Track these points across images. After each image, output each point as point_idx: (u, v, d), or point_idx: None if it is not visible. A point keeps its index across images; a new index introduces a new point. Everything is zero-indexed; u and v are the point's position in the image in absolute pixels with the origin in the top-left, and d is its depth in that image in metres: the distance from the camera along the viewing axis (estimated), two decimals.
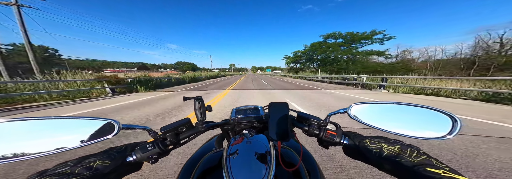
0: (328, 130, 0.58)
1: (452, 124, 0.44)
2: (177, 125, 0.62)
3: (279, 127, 0.53)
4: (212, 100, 6.80)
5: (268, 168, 0.44)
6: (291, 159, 0.59)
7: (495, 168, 1.82)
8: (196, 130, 0.65)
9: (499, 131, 3.02)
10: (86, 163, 0.39)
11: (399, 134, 0.47)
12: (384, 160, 0.40)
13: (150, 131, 0.56)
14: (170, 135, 0.59)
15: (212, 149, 0.76)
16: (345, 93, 8.80)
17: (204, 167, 0.57)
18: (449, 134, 0.43)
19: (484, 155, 2.11)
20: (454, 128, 0.43)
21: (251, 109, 0.85)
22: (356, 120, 0.56)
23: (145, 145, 0.52)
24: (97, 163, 0.40)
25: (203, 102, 0.67)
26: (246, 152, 0.51)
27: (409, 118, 0.50)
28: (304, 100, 6.61)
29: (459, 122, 0.43)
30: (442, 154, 2.13)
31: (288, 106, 0.59)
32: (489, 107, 5.22)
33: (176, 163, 2.00)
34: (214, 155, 0.62)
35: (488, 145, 2.39)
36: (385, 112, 0.54)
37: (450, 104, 5.86)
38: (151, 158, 0.52)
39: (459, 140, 2.55)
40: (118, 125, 0.49)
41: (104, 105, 6.09)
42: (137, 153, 0.50)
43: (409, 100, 6.58)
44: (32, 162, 2.03)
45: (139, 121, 3.90)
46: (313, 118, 0.66)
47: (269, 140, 0.55)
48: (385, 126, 0.51)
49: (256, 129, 0.76)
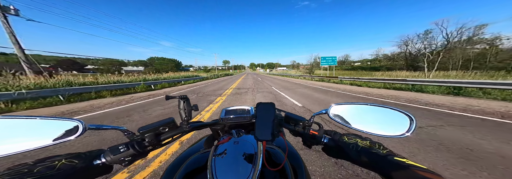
0: (311, 129, 0.60)
1: (409, 122, 0.49)
2: (158, 125, 0.59)
3: (265, 127, 0.54)
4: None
5: (254, 168, 0.44)
6: (277, 158, 0.60)
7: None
8: (181, 130, 0.63)
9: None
10: (49, 162, 0.37)
11: (369, 133, 0.52)
12: (360, 152, 0.45)
13: (126, 132, 0.53)
14: (149, 135, 0.56)
15: (200, 149, 0.74)
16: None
17: (189, 168, 0.55)
18: (407, 132, 0.48)
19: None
20: (411, 125, 0.48)
21: (241, 109, 0.84)
22: (334, 119, 0.59)
23: (117, 146, 0.49)
24: (62, 162, 0.38)
25: (188, 101, 0.64)
26: (233, 152, 0.51)
27: (378, 118, 0.55)
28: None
29: (414, 120, 0.48)
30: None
31: (274, 106, 0.60)
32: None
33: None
34: (201, 156, 0.60)
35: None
36: (359, 112, 0.59)
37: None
38: (124, 161, 0.49)
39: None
40: (83, 126, 0.45)
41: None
42: (106, 155, 0.46)
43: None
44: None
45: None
46: (300, 118, 0.67)
47: (257, 140, 0.56)
48: (358, 126, 0.55)
49: (246, 129, 0.76)
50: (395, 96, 7.01)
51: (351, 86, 11.45)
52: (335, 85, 12.63)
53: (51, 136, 0.42)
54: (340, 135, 0.54)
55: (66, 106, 6.17)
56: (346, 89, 9.79)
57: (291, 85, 12.37)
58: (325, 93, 8.15)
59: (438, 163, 1.95)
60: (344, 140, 0.50)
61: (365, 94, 7.77)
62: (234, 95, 8.12)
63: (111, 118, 4.30)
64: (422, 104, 5.20)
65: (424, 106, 4.93)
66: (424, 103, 5.42)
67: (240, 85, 13.37)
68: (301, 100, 6.34)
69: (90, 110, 5.37)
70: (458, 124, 3.29)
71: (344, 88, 10.35)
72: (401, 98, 6.48)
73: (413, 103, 5.47)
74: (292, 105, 5.48)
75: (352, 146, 0.47)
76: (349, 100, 6.39)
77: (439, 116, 3.86)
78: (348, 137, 0.51)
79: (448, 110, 4.42)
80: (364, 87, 10.81)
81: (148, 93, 9.74)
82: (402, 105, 5.17)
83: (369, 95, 7.45)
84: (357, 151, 0.45)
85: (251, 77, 30.47)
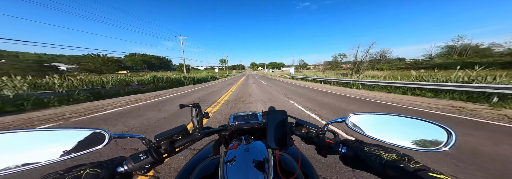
0: (326, 138, 0.58)
1: (447, 136, 0.44)
2: (173, 132, 0.61)
3: (278, 135, 0.53)
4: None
5: (266, 177, 0.43)
6: (289, 167, 0.58)
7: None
8: (193, 137, 0.64)
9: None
10: (75, 172, 0.39)
11: (395, 145, 0.48)
12: (385, 166, 0.40)
13: (144, 140, 0.55)
14: (164, 143, 0.57)
15: (209, 155, 0.75)
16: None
17: (201, 175, 0.55)
18: (445, 146, 0.43)
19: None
20: (449, 139, 0.43)
21: (249, 115, 0.84)
22: (353, 129, 0.56)
23: (138, 154, 0.50)
24: (87, 171, 0.40)
25: (200, 109, 0.66)
26: (243, 159, 0.50)
27: (405, 129, 0.51)
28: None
29: (454, 134, 0.43)
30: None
31: (286, 113, 0.58)
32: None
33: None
34: (211, 162, 0.61)
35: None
36: (382, 123, 0.55)
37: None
38: (144, 168, 0.50)
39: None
40: (108, 135, 0.47)
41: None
42: (128, 163, 0.48)
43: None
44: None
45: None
46: (312, 125, 0.66)
47: (268, 147, 0.54)
48: (381, 136, 0.51)
49: (254, 135, 0.76)
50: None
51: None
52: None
53: (81, 145, 0.45)
54: (360, 145, 0.50)
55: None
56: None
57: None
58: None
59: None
60: (365, 151, 0.46)
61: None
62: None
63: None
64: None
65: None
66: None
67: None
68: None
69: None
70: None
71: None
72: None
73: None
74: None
75: (374, 158, 0.43)
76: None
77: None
78: (369, 147, 0.47)
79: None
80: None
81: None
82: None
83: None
84: (381, 163, 0.42)
85: (256, 87, 12.71)
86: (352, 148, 0.51)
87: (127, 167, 0.47)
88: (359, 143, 0.52)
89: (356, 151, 0.49)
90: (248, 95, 8.39)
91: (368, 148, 0.47)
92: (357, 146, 0.51)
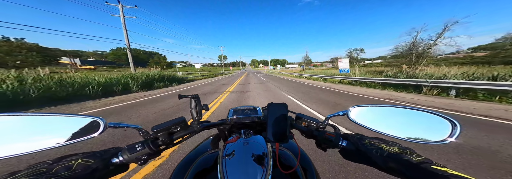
0: (326, 132, 0.57)
1: (451, 128, 0.43)
2: (171, 124, 0.60)
3: (278, 128, 0.52)
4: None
5: (264, 170, 0.43)
6: (288, 161, 0.58)
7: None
8: (191, 129, 0.63)
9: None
10: (66, 162, 0.37)
11: (398, 137, 0.47)
12: (387, 158, 0.40)
13: (141, 130, 0.54)
14: (162, 134, 0.56)
15: (208, 149, 0.74)
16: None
17: (199, 168, 0.55)
18: (450, 137, 0.42)
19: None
20: (454, 131, 0.43)
21: (249, 109, 0.83)
22: (355, 122, 0.55)
23: (134, 145, 0.49)
24: (79, 161, 0.38)
25: (199, 101, 0.64)
26: (242, 153, 0.50)
27: (407, 121, 0.50)
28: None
29: (458, 126, 0.42)
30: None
31: (287, 106, 0.57)
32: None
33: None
34: (209, 156, 0.60)
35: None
36: (383, 115, 0.54)
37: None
38: (140, 159, 0.49)
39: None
40: (104, 123, 0.46)
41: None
42: (124, 153, 0.47)
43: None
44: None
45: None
46: (312, 119, 0.65)
47: (267, 141, 0.53)
48: (383, 129, 0.50)
49: (254, 129, 0.75)
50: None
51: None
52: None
53: (75, 133, 0.44)
54: (360, 138, 0.50)
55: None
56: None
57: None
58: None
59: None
60: (366, 144, 0.46)
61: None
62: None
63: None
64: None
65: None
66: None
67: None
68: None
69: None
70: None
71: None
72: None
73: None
74: None
75: (376, 151, 0.43)
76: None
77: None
78: (370, 141, 0.47)
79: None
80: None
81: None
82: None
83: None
84: (382, 156, 0.41)
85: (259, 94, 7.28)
86: (353, 142, 0.50)
87: (122, 158, 0.46)
88: (360, 136, 0.51)
89: (357, 144, 0.48)
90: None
91: (369, 141, 0.47)
92: (357, 139, 0.50)
